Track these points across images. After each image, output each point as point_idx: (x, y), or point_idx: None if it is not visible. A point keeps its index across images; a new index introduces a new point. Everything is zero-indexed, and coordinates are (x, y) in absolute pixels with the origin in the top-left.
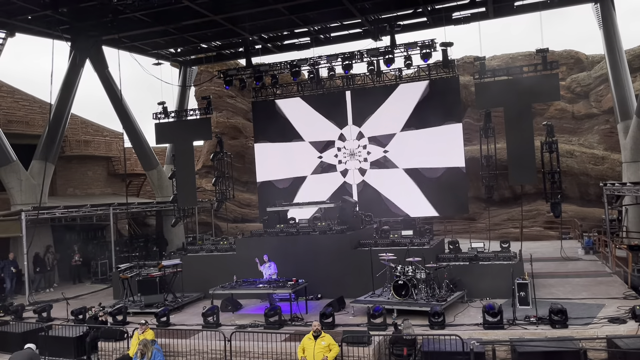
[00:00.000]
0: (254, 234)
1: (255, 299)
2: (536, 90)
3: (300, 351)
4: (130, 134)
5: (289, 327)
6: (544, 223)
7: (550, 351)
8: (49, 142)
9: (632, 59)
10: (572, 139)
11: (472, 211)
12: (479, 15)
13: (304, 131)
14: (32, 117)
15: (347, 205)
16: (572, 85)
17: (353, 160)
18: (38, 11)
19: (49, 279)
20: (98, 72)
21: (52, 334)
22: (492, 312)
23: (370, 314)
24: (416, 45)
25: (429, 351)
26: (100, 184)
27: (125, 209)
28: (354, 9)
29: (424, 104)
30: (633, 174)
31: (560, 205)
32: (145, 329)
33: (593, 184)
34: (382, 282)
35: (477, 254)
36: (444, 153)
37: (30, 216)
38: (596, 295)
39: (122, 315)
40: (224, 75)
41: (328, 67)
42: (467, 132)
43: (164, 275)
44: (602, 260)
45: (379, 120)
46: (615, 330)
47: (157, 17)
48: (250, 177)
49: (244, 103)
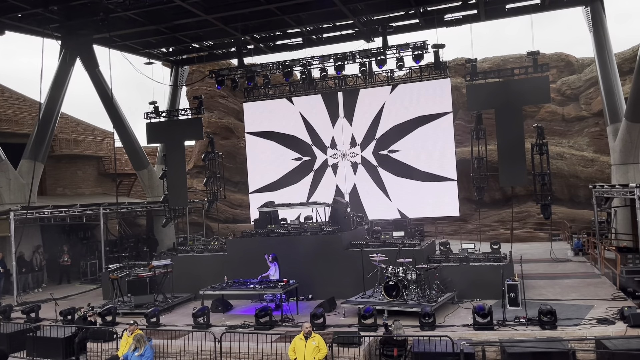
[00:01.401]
0: (245, 234)
1: (246, 300)
2: (527, 93)
3: (291, 352)
4: (121, 134)
5: (280, 328)
6: (534, 224)
7: (539, 352)
8: (39, 141)
9: (621, 62)
10: (562, 141)
11: (463, 212)
12: (471, 17)
13: (296, 132)
14: (22, 116)
15: (339, 206)
16: (563, 87)
17: (345, 161)
18: (28, 9)
19: (37, 279)
20: (89, 71)
21: (40, 334)
22: (482, 313)
23: (361, 315)
24: (408, 46)
25: (419, 352)
26: (90, 184)
27: (116, 208)
28: (347, 10)
29: (416, 105)
30: (622, 176)
31: (550, 207)
32: (135, 329)
33: (582, 186)
34: (373, 283)
35: (467, 255)
36: (435, 154)
37: (19, 216)
38: (585, 297)
39: (112, 315)
40: (215, 75)
41: (320, 67)
42: (458, 134)
43: (154, 276)
44: (591, 262)
45: (370, 121)
46: (603, 331)
47: (149, 16)
48: (241, 177)
49: (236, 103)
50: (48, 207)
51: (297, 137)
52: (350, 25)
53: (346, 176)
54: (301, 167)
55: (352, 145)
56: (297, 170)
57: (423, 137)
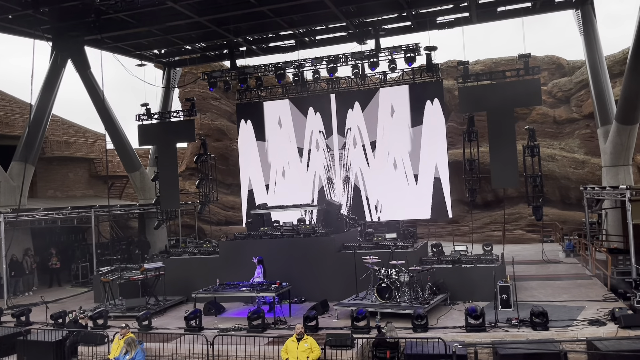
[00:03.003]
0: (238, 236)
1: (239, 302)
2: (518, 95)
3: (283, 353)
4: (112, 136)
5: (272, 331)
6: (525, 226)
7: (531, 353)
8: (29, 144)
9: (612, 65)
10: (553, 143)
11: (455, 214)
12: (463, 20)
13: (288, 134)
14: (12, 118)
15: (331, 208)
16: (554, 90)
17: (337, 163)
18: (19, 10)
19: (28, 282)
20: (80, 73)
21: (30, 338)
22: (474, 314)
23: (353, 317)
24: (400, 49)
25: (412, 354)
26: (81, 186)
27: (107, 211)
28: (339, 13)
29: (408, 107)
30: (612, 178)
31: (541, 208)
32: (126, 332)
33: (574, 188)
34: (365, 285)
35: (460, 257)
36: (427, 156)
37: (9, 218)
38: (576, 298)
39: (103, 319)
40: (208, 77)
41: (313, 69)
42: (450, 136)
43: (146, 279)
44: (582, 263)
45: (363, 123)
46: (595, 332)
47: (141, 18)
48: (234, 179)
49: (229, 105)
50: (39, 209)
51: (289, 139)
52: (342, 27)
53: (339, 178)
54: (294, 169)
55: (345, 147)
56: (290, 172)
57: (415, 138)
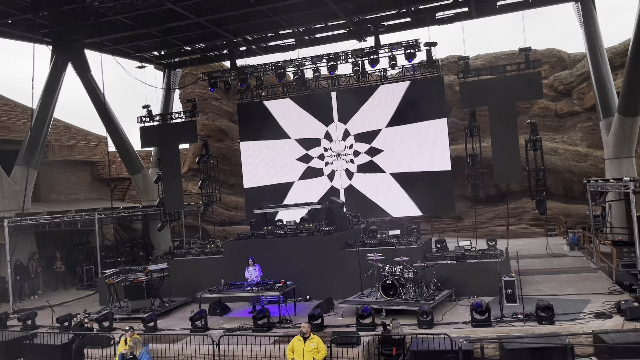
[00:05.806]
0: (241, 236)
1: (244, 302)
2: (520, 89)
3: (289, 352)
4: (114, 138)
5: (278, 330)
6: (529, 220)
7: (537, 347)
8: (32, 148)
9: (613, 57)
10: (555, 137)
11: (459, 210)
12: (462, 15)
13: (290, 133)
14: (14, 122)
15: (335, 206)
16: (555, 83)
17: (339, 161)
18: (18, 15)
19: (33, 286)
20: (80, 76)
21: (37, 342)
22: (479, 310)
23: (358, 315)
24: (400, 45)
25: (417, 350)
26: (84, 189)
27: (111, 213)
28: (338, 10)
29: (409, 103)
30: (615, 170)
31: (545, 202)
32: (132, 334)
33: (577, 181)
34: (370, 283)
35: (464, 252)
36: (430, 152)
37: (13, 223)
38: (582, 291)
39: (109, 321)
40: (208, 78)
41: (313, 68)
42: (452, 131)
43: (150, 280)
44: (587, 256)
45: (364, 120)
46: (601, 325)
47: (140, 20)
48: (236, 179)
49: (230, 105)
50: (42, 213)
51: (291, 138)
52: (342, 25)
53: (341, 176)
54: (296, 168)
55: (347, 145)
56: (292, 171)
57: (417, 134)
